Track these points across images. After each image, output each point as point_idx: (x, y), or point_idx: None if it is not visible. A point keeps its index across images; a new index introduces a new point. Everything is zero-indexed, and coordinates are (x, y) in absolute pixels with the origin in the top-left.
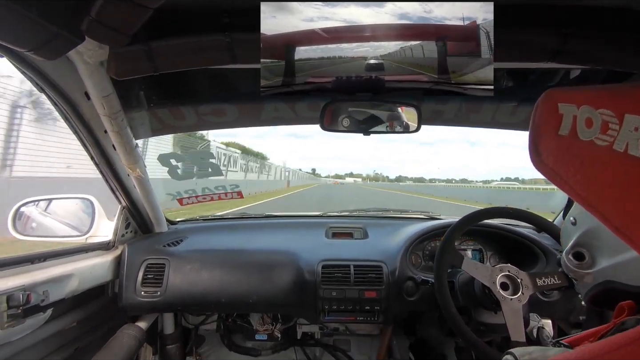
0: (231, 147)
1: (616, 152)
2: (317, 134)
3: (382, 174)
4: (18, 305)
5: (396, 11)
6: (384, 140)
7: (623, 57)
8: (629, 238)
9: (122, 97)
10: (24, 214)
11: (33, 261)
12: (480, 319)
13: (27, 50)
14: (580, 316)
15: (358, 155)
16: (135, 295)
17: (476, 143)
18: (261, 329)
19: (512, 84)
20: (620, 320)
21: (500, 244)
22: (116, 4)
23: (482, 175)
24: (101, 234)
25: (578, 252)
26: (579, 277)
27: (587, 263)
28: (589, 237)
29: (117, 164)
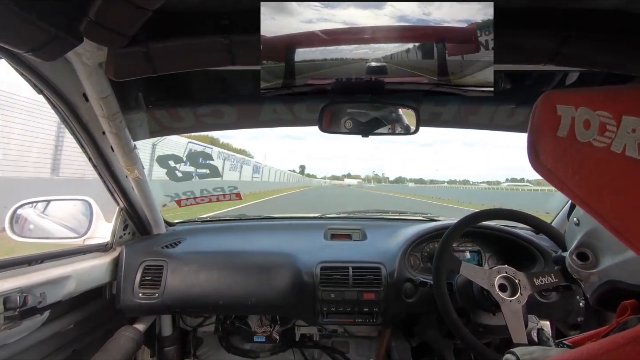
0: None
1: (614, 154)
2: (313, 135)
3: (383, 175)
4: (15, 307)
5: (396, 13)
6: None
7: (621, 59)
8: (627, 239)
9: (120, 99)
10: (21, 215)
11: (30, 263)
12: (478, 321)
13: (25, 52)
14: (578, 317)
15: (356, 155)
16: (133, 297)
17: (475, 144)
18: (259, 331)
19: (511, 86)
20: (623, 319)
21: (498, 245)
22: (115, 5)
23: (484, 176)
24: (99, 236)
25: (582, 252)
26: (584, 277)
27: (591, 263)
28: (592, 238)
29: (115, 166)
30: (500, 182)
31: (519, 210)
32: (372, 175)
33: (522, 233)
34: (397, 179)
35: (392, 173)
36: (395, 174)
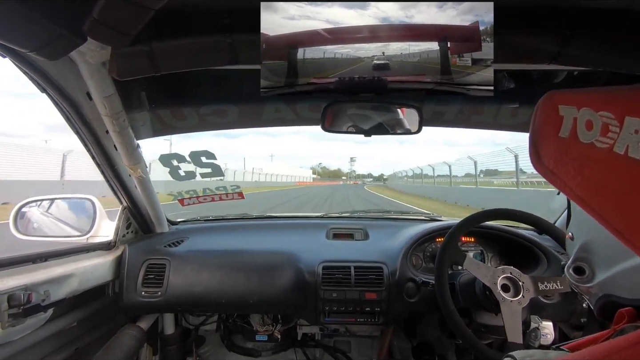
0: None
1: (616, 155)
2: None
3: (370, 174)
4: (19, 305)
5: (379, 14)
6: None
7: (625, 59)
8: (630, 241)
9: (123, 98)
10: (25, 214)
11: (34, 261)
12: (481, 321)
13: (29, 51)
14: (581, 318)
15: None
16: (135, 295)
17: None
18: (261, 330)
19: (513, 85)
20: (620, 327)
21: (501, 245)
22: (118, 4)
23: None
24: (102, 234)
25: (578, 266)
26: (584, 290)
27: (588, 277)
28: (587, 251)
29: (118, 164)
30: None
31: (522, 210)
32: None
33: (525, 233)
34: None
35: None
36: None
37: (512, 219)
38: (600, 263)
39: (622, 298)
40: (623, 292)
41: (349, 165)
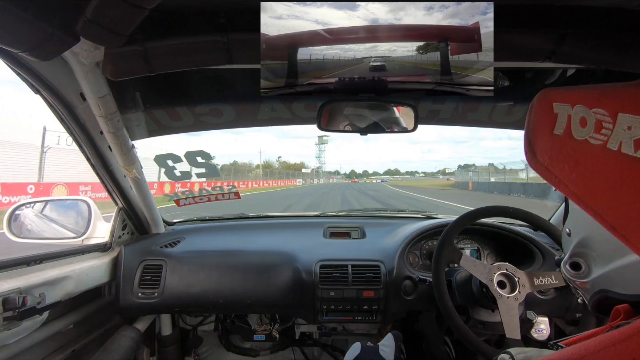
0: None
1: (610, 151)
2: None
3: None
4: (14, 308)
5: (369, 16)
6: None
7: (619, 56)
8: (624, 236)
9: (118, 98)
10: (19, 216)
11: (29, 263)
12: (478, 317)
13: (22, 51)
14: (576, 314)
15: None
16: (132, 296)
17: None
18: (259, 330)
19: (509, 83)
20: (616, 323)
21: (497, 242)
22: (112, 4)
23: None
24: (97, 236)
25: (575, 262)
26: (579, 286)
27: (584, 272)
28: (584, 247)
29: (113, 165)
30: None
31: (518, 207)
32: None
33: (521, 230)
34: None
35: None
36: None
37: (507, 215)
38: (597, 259)
39: (618, 294)
40: (618, 287)
41: (316, 151)
